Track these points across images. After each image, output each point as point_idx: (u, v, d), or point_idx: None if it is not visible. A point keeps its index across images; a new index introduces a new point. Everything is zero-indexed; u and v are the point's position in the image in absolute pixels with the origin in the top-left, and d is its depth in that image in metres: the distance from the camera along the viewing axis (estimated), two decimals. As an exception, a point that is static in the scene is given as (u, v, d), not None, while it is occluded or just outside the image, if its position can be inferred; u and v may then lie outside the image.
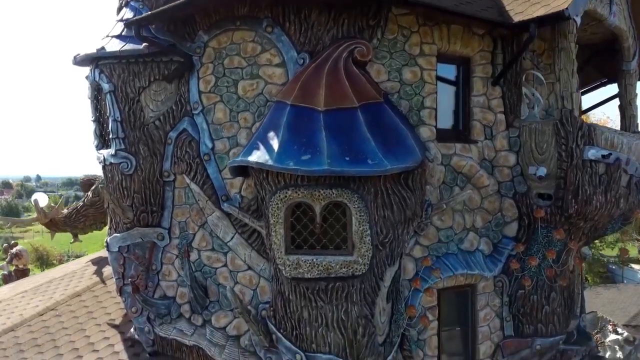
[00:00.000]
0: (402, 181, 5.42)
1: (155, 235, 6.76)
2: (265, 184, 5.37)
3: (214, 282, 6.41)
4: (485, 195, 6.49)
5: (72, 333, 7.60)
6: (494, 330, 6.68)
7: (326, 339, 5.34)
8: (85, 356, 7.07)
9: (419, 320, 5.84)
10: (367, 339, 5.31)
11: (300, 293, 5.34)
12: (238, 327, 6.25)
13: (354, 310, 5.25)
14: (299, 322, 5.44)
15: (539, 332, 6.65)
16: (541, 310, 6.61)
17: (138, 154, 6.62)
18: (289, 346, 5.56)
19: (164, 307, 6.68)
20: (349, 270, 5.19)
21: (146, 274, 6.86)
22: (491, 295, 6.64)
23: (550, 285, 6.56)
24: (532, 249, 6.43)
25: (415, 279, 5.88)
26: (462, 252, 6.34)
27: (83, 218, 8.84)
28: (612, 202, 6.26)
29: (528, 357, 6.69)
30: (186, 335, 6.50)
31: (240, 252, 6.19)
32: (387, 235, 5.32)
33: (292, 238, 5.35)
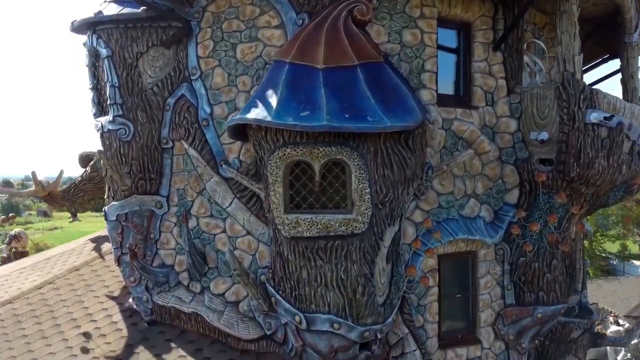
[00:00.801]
0: (402, 141, 5.36)
1: (153, 204, 6.71)
2: (263, 143, 5.31)
3: (213, 249, 6.35)
4: (486, 162, 6.44)
5: (70, 305, 7.55)
6: (495, 298, 6.63)
7: (325, 299, 5.28)
8: (83, 326, 7.02)
9: (420, 281, 5.79)
10: (367, 299, 5.26)
11: (299, 253, 5.29)
12: (237, 293, 6.20)
13: (354, 269, 5.19)
14: (298, 283, 5.38)
15: (540, 300, 6.59)
16: (542, 278, 6.55)
17: (136, 121, 6.57)
18: (288, 308, 5.51)
19: (162, 275, 6.63)
20: (348, 229, 5.14)
21: (144, 243, 6.80)
22: (492, 263, 6.59)
23: (551, 252, 6.50)
24: (533, 215, 6.38)
25: (415, 240, 5.82)
26: (462, 218, 6.28)
27: (81, 193, 8.79)
28: (614, 167, 6.20)
29: (529, 325, 6.63)
30: (184, 303, 6.45)
31: (239, 217, 6.14)
32: (387, 194, 5.26)
33: (291, 197, 5.30)
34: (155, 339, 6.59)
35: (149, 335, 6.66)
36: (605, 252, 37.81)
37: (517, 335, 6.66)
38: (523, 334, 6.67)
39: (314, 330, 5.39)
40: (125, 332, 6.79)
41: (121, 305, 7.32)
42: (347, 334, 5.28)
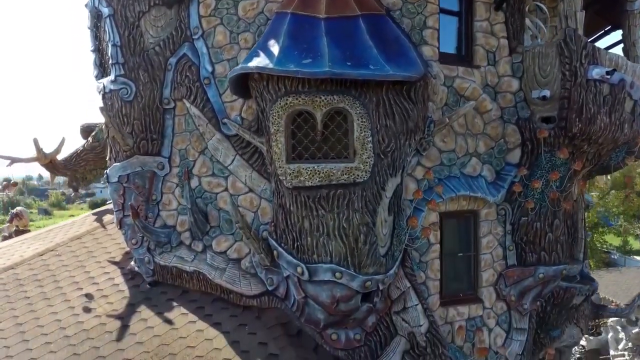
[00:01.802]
0: (404, 92, 5.36)
1: (155, 165, 6.71)
2: (265, 94, 5.31)
3: (215, 208, 6.36)
4: (488, 121, 6.43)
5: (72, 270, 7.56)
6: (497, 259, 6.63)
7: (327, 248, 5.29)
8: (85, 289, 7.03)
9: (421, 232, 5.79)
10: (369, 248, 5.26)
11: (302, 203, 5.29)
12: (239, 250, 6.21)
13: (356, 217, 5.19)
14: (300, 233, 5.38)
15: (542, 260, 6.59)
16: (544, 238, 6.55)
17: (138, 80, 6.57)
18: (290, 260, 5.51)
19: (164, 236, 6.63)
20: (350, 177, 5.14)
21: (146, 204, 6.81)
22: (494, 223, 6.59)
23: (553, 211, 6.50)
24: (535, 174, 6.38)
25: (417, 191, 5.82)
26: (464, 176, 6.28)
27: (83, 162, 8.78)
28: (616, 124, 6.20)
29: (531, 286, 6.63)
30: (186, 262, 6.46)
31: (241, 174, 6.14)
32: (389, 144, 5.26)
33: (292, 147, 5.29)
34: (157, 298, 6.60)
35: (151, 295, 6.67)
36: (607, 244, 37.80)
37: (519, 297, 6.66)
38: (525, 295, 6.68)
39: (316, 281, 5.39)
40: (127, 293, 6.81)
41: (123, 269, 7.33)
42: (349, 283, 5.28)
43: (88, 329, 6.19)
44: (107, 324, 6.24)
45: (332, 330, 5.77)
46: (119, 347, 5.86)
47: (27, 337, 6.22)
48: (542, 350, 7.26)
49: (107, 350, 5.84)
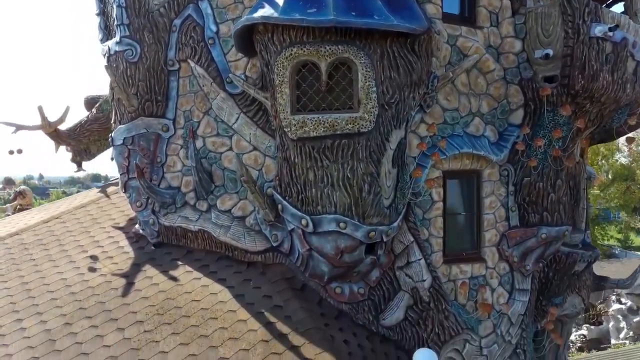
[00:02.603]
0: (408, 45, 5.39)
1: (159, 127, 6.76)
2: (270, 45, 5.35)
3: (219, 167, 6.40)
4: (491, 81, 6.46)
5: (77, 235, 7.63)
6: (499, 219, 6.66)
7: (332, 199, 5.33)
8: (90, 251, 7.09)
9: (425, 183, 5.83)
10: (373, 198, 5.30)
11: (306, 154, 5.33)
12: (243, 208, 6.25)
13: (360, 167, 5.23)
14: (304, 185, 5.42)
15: (544, 221, 6.62)
16: (547, 198, 6.58)
17: (142, 42, 6.61)
18: (295, 212, 5.55)
19: (169, 197, 6.67)
20: (354, 127, 5.17)
21: (151, 166, 6.85)
22: (496, 184, 6.62)
23: (556, 171, 6.53)
24: (538, 134, 6.41)
25: (420, 143, 5.87)
26: (467, 136, 6.31)
27: (87, 132, 8.83)
28: (618, 83, 6.23)
29: (533, 246, 6.66)
30: (191, 221, 6.50)
31: (245, 132, 6.18)
32: (393, 95, 5.30)
33: (297, 98, 5.33)
34: (162, 259, 6.65)
35: (156, 256, 6.73)
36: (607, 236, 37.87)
37: (521, 257, 6.69)
38: (527, 256, 6.71)
39: (321, 232, 5.43)
40: (131, 255, 6.87)
41: (127, 234, 7.38)
42: (353, 233, 5.32)
43: (94, 286, 6.26)
44: (113, 282, 6.30)
45: (336, 284, 5.81)
46: (125, 302, 5.92)
47: (33, 294, 6.28)
48: (544, 318, 7.27)
49: (113, 304, 5.89)
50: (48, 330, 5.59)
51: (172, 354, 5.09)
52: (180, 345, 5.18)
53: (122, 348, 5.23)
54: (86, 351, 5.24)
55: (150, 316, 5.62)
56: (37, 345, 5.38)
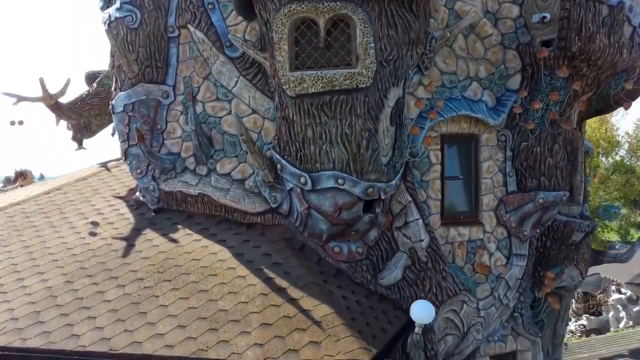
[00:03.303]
0: (406, 4, 5.43)
1: (160, 93, 6.80)
2: (269, 3, 5.39)
3: (219, 132, 6.46)
4: (489, 46, 6.50)
5: (78, 204, 7.68)
6: (497, 184, 6.70)
7: (330, 156, 5.38)
8: (90, 218, 7.15)
9: (423, 142, 5.87)
10: (371, 154, 5.35)
11: (305, 111, 5.38)
12: (243, 171, 6.31)
13: (358, 123, 5.28)
14: (303, 143, 5.47)
15: (541, 186, 6.66)
16: (544, 163, 6.62)
17: (143, 8, 6.66)
18: (293, 171, 5.60)
19: (169, 162, 6.72)
20: (353, 82, 5.22)
21: (151, 133, 6.90)
22: (494, 149, 6.66)
23: (553, 136, 6.57)
24: (535, 97, 6.44)
25: (419, 100, 5.91)
26: (465, 100, 6.35)
27: (88, 106, 8.87)
28: (615, 47, 6.27)
29: (531, 211, 6.70)
30: (191, 186, 6.55)
31: (245, 95, 6.23)
32: (391, 52, 5.34)
33: (296, 55, 5.38)
34: (162, 223, 6.70)
35: (156, 221, 6.79)
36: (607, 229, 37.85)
37: (519, 223, 6.73)
38: (524, 221, 6.74)
39: (319, 190, 5.48)
40: (132, 220, 6.92)
41: (128, 202, 7.44)
42: (351, 189, 5.37)
43: (94, 249, 6.31)
44: (113, 244, 6.36)
45: (334, 243, 5.86)
46: (125, 262, 5.98)
47: (35, 256, 6.34)
48: (542, 289, 7.30)
49: (113, 264, 5.94)
50: (49, 287, 5.65)
51: (171, 307, 5.14)
52: (180, 300, 5.23)
53: (123, 302, 5.28)
54: (87, 305, 5.29)
55: (150, 274, 5.67)
56: (38, 301, 5.44)
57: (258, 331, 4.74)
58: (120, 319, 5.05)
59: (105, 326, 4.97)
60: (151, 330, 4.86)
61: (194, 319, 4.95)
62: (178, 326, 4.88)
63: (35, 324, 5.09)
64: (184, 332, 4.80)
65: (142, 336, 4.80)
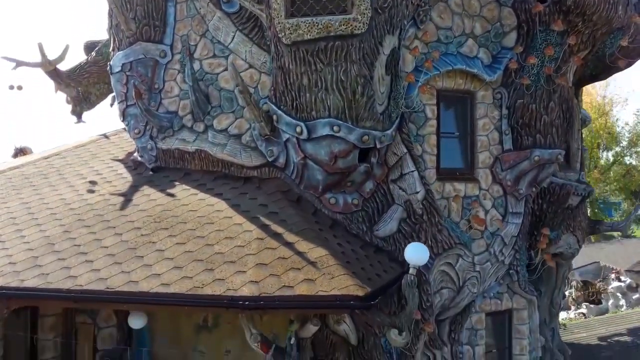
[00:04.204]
0: (401, -47, 5.47)
1: (157, 53, 6.84)
2: (265, -48, 5.44)
3: (216, 88, 6.50)
4: (484, 3, 6.53)
5: (76, 166, 7.73)
6: (493, 142, 6.74)
7: (325, 103, 5.42)
8: (90, 178, 7.19)
9: (419, 90, 5.90)
10: (366, 101, 5.38)
11: (300, 58, 5.41)
12: (239, 126, 6.34)
13: (353, 69, 5.32)
14: (298, 91, 5.51)
15: (537, 143, 6.69)
16: (540, 120, 6.66)
17: (140, -34, 6.70)
18: (289, 121, 5.64)
19: (167, 120, 6.76)
20: (348, 28, 5.25)
21: (149, 93, 6.94)
22: (490, 106, 6.70)
23: (548, 94, 6.60)
24: (530, 54, 6.47)
25: (414, 48, 5.94)
26: (461, 55, 6.38)
27: (86, 74, 8.90)
28: (609, 2, 6.30)
29: (526, 169, 6.73)
30: (188, 143, 6.59)
31: (241, 50, 6.27)
32: (387, 0, 5.38)
33: (291, 1, 5.41)
34: (160, 181, 6.74)
35: (154, 179, 6.82)
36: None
37: (515, 181, 6.76)
38: (520, 180, 6.78)
39: (315, 139, 5.52)
40: (130, 179, 6.96)
41: (126, 164, 7.48)
42: (347, 136, 5.41)
43: (92, 203, 6.36)
44: (111, 200, 6.40)
45: (330, 195, 5.90)
46: (123, 214, 6.02)
47: (33, 211, 6.39)
48: (537, 245, 7.33)
49: (111, 216, 5.99)
50: (47, 236, 5.69)
51: (168, 251, 5.18)
52: (177, 245, 5.27)
53: (120, 248, 5.32)
54: (84, 251, 5.33)
55: (147, 224, 5.71)
56: (36, 248, 5.48)
57: (253, 270, 4.77)
58: (117, 262, 5.09)
59: (102, 268, 5.01)
60: (147, 272, 4.90)
61: (190, 261, 4.99)
62: (174, 267, 4.92)
63: (33, 267, 5.13)
64: (180, 272, 4.84)
65: (138, 276, 4.85)
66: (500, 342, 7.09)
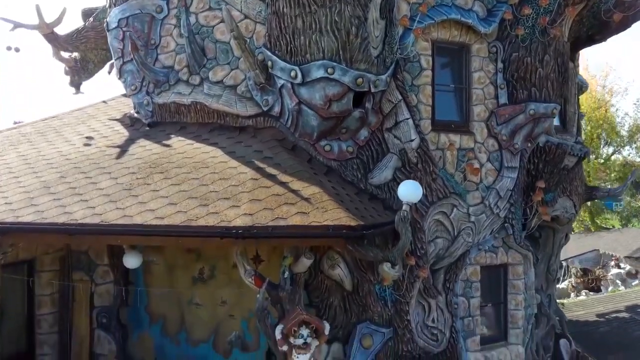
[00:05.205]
0: None
1: (153, 8, 6.85)
2: None
3: (211, 41, 6.51)
4: (480, -45, 6.55)
5: (75, 125, 7.76)
6: (488, 96, 6.75)
7: (320, 45, 5.44)
8: (87, 133, 7.21)
9: (413, 32, 5.91)
10: (360, 42, 5.41)
11: (295, 1, 5.44)
12: (235, 77, 6.36)
13: (347, 10, 5.34)
14: (293, 35, 5.53)
15: (532, 97, 6.70)
16: (535, 73, 6.66)
17: None
18: (284, 66, 5.66)
19: (163, 75, 6.78)
20: (342, -32, 5.27)
21: (145, 49, 6.95)
22: (485, 60, 6.71)
23: (543, 47, 6.61)
24: (525, 4, 6.48)
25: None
26: (456, 7, 6.38)
27: (84, 39, 8.90)
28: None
29: (522, 123, 6.75)
30: (184, 96, 6.61)
31: (237, 1, 6.28)
32: (380, -57, 5.40)
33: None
34: (156, 134, 6.76)
35: (150, 133, 6.84)
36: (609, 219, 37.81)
37: (511, 135, 6.77)
38: (516, 134, 6.79)
39: (309, 82, 5.54)
40: (126, 134, 6.98)
41: (123, 122, 7.51)
42: (341, 78, 5.43)
43: (89, 154, 6.38)
44: (107, 151, 6.42)
45: (325, 142, 5.93)
46: (119, 162, 6.04)
47: (30, 161, 6.43)
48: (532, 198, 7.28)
49: (106, 164, 6.02)
50: (43, 181, 5.72)
51: (163, 191, 5.21)
52: (172, 185, 5.30)
53: (115, 189, 5.35)
54: (79, 192, 5.36)
55: (143, 169, 5.74)
56: (32, 190, 5.51)
57: (247, 205, 4.80)
58: (112, 200, 5.12)
59: (97, 206, 5.04)
60: (142, 208, 4.93)
61: (185, 198, 5.02)
62: (169, 204, 4.96)
63: (29, 207, 5.16)
64: (174, 208, 4.87)
65: (132, 212, 4.88)
66: (496, 297, 7.10)
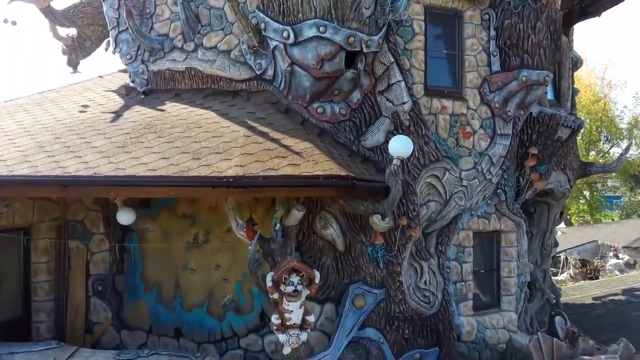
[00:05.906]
0: None
1: (149, -22, 6.91)
2: None
3: (205, 7, 6.56)
4: None
5: (71, 96, 7.80)
6: (481, 64, 6.78)
7: (312, 4, 5.47)
8: (82, 102, 7.26)
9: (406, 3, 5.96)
10: (352, 1, 5.44)
11: (287, -39, 5.48)
12: (228, 43, 6.41)
13: (339, -33, 5.38)
14: (285, -7, 5.57)
15: (525, 64, 6.73)
16: (527, 40, 6.70)
17: None
18: (277, 27, 5.70)
19: (158, 43, 6.83)
20: None
21: (140, 18, 7.00)
22: (478, 27, 6.74)
23: (536, 14, 6.64)
24: (518, -33, 6.53)
25: None
26: (448, -28, 6.44)
27: (81, 15, 8.96)
28: None
29: (514, 90, 6.77)
30: (179, 62, 6.66)
31: (231, -35, 6.33)
32: None
33: None
34: (151, 102, 6.81)
35: (145, 100, 6.89)
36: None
37: (503, 103, 6.81)
38: (508, 102, 6.82)
39: (301, 42, 5.58)
40: (122, 102, 7.03)
41: (119, 92, 7.55)
42: (333, 37, 5.47)
43: (84, 119, 6.43)
44: (102, 116, 6.47)
45: (318, 104, 5.96)
46: (114, 125, 6.09)
47: (25, 126, 6.48)
48: (525, 164, 7.30)
49: (101, 126, 6.07)
50: (38, 142, 5.77)
51: (156, 147, 5.26)
52: (165, 143, 5.35)
53: (109, 147, 5.40)
54: (74, 150, 5.40)
55: (137, 130, 5.79)
56: (27, 150, 5.56)
57: (239, 158, 4.85)
58: (106, 156, 5.17)
59: (90, 161, 5.09)
60: (135, 162, 4.98)
61: (178, 153, 5.07)
62: (161, 158, 5.01)
63: (23, 162, 5.21)
64: (166, 162, 4.92)
65: (125, 165, 4.93)
66: (489, 264, 7.15)
